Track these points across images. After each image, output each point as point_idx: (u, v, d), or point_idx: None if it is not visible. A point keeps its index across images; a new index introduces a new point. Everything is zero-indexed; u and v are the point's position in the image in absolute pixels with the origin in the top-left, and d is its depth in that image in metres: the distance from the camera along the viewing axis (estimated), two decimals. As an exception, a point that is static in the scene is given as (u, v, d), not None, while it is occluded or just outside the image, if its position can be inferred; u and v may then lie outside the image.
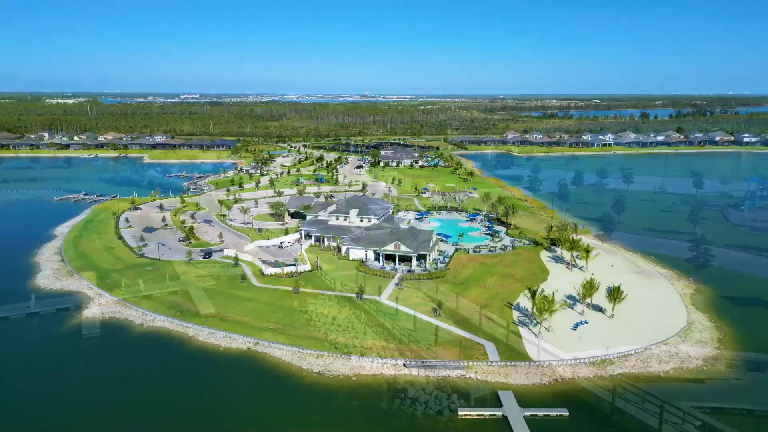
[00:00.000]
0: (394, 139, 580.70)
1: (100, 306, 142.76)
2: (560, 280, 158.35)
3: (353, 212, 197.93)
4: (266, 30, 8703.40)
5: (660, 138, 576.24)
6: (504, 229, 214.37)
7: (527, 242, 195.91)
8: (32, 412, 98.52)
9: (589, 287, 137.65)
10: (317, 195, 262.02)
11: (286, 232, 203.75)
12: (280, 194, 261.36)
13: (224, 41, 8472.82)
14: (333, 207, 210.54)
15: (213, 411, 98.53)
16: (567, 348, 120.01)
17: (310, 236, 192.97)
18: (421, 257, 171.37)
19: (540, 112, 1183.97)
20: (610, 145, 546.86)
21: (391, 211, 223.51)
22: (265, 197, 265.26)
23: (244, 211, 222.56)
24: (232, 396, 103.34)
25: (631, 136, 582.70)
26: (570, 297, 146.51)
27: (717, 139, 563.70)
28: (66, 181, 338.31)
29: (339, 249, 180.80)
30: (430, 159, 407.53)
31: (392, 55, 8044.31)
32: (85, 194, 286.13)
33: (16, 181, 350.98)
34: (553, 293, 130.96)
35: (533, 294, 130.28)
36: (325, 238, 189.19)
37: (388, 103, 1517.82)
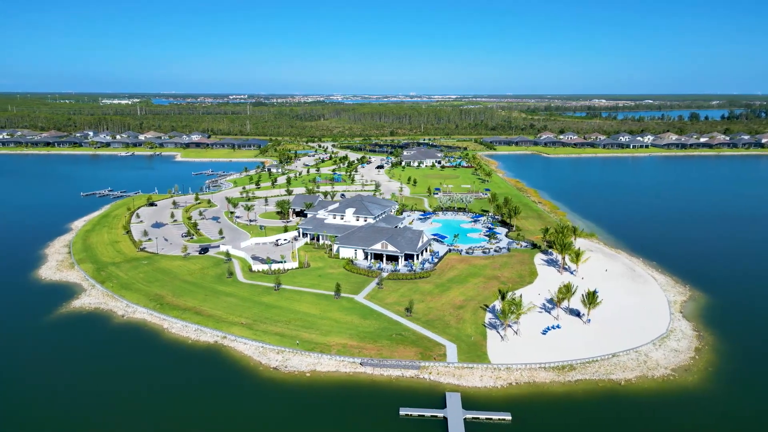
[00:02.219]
0: (425, 140, 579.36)
1: (89, 297, 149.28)
2: (547, 284, 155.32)
3: (349, 211, 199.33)
4: (317, 33, 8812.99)
5: (703, 140, 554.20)
6: (506, 230, 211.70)
7: (525, 244, 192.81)
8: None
9: (565, 291, 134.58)
10: (326, 194, 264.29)
11: (285, 229, 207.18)
12: (290, 193, 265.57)
13: (275, 44, 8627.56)
14: (335, 206, 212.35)
15: (159, 401, 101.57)
16: (531, 352, 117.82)
17: (306, 234, 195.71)
18: (409, 257, 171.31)
19: (583, 112, 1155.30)
20: (646, 146, 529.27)
21: (392, 211, 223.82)
22: (277, 195, 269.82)
23: (248, 208, 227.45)
24: (182, 388, 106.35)
25: (672, 138, 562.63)
26: (550, 301, 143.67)
27: (764, 141, 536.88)
28: (97, 177, 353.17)
29: (331, 248, 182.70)
30: (452, 159, 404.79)
31: (440, 55, 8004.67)
32: (110, 190, 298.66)
33: (50, 176, 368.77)
34: (521, 296, 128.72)
35: (503, 296, 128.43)
36: (320, 237, 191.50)
37: (430, 104, 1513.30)
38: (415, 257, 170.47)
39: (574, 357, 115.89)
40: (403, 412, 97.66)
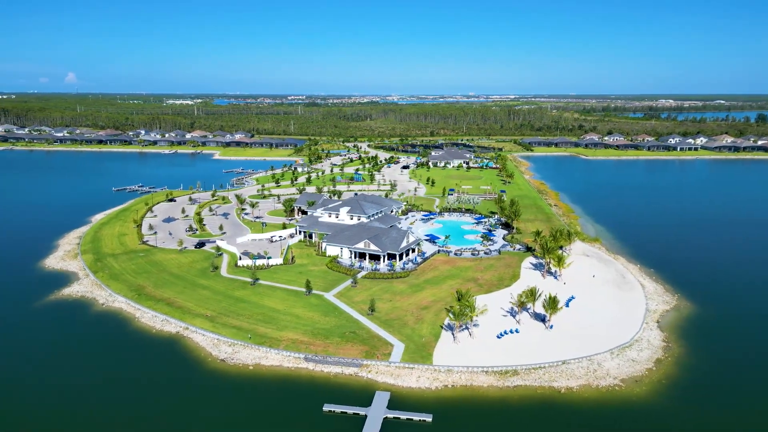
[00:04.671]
0: (463, 140, 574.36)
1: (80, 285, 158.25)
2: (526, 288, 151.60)
3: (344, 210, 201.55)
4: (379, 33, 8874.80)
5: (761, 142, 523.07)
6: (506, 232, 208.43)
7: (519, 247, 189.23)
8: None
9: (529, 295, 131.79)
10: (335, 193, 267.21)
11: (284, 226, 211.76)
12: (301, 191, 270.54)
13: (336, 46, 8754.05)
14: (336, 204, 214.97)
15: (103, 387, 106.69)
16: (479, 355, 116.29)
17: (302, 232, 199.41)
18: (393, 257, 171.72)
19: (641, 113, 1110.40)
20: (695, 149, 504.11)
21: (394, 210, 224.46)
22: (291, 194, 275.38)
23: (253, 205, 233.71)
24: (131, 374, 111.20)
25: (726, 140, 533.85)
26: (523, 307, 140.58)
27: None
28: (134, 173, 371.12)
29: (320, 245, 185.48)
30: (480, 160, 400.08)
31: (505, 55, 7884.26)
32: (140, 186, 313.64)
33: (91, 171, 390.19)
34: (474, 298, 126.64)
35: (459, 298, 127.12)
36: (312, 234, 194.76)
37: (483, 104, 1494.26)
38: (397, 257, 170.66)
39: (522, 362, 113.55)
40: (326, 408, 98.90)
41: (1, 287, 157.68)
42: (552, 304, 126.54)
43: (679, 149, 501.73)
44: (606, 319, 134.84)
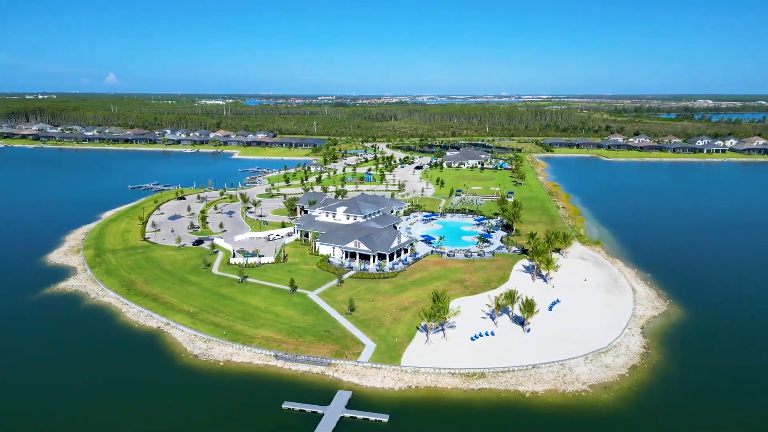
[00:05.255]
0: (483, 141, 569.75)
1: (76, 280, 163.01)
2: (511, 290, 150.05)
3: (340, 210, 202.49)
4: (410, 33, 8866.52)
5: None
6: (505, 234, 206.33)
7: (515, 249, 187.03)
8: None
9: (507, 298, 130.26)
10: (340, 193, 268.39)
11: (283, 225, 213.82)
12: (306, 191, 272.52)
13: (367, 45, 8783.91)
14: (335, 204, 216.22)
15: (77, 379, 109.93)
16: (449, 357, 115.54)
17: (299, 231, 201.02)
18: (383, 257, 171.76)
19: (676, 114, 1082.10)
20: (723, 151, 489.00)
21: (394, 210, 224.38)
22: (298, 193, 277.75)
23: (255, 204, 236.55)
24: (106, 367, 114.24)
25: (758, 142, 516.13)
26: (503, 309, 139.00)
27: None
28: (152, 171, 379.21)
29: (314, 244, 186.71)
30: (494, 161, 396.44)
31: (539, 54, 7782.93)
32: (155, 184, 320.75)
33: (112, 170, 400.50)
34: (448, 299, 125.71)
35: (434, 300, 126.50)
36: (308, 233, 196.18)
37: (513, 104, 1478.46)
38: (388, 257, 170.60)
39: (491, 365, 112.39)
40: (285, 405, 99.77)
41: (2, 279, 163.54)
42: (528, 307, 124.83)
43: (705, 151, 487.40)
44: (588, 323, 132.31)
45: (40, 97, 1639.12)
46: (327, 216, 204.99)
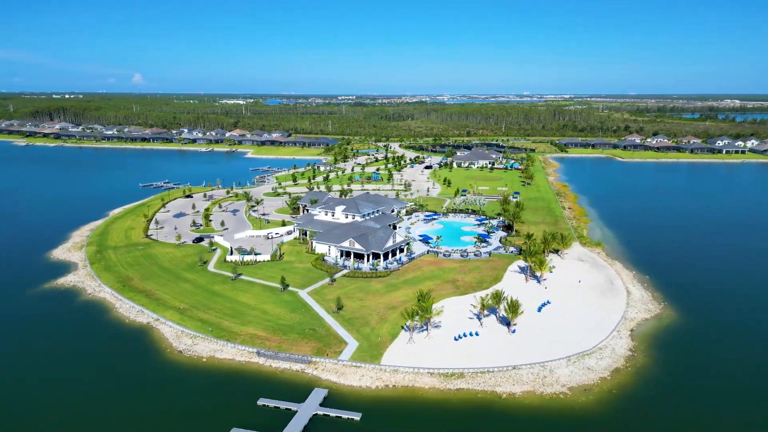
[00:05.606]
0: (497, 141, 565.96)
1: (75, 275, 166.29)
2: (505, 291, 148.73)
3: (339, 209, 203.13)
4: (433, 33, 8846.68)
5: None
6: (506, 234, 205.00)
7: (513, 250, 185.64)
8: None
9: (494, 298, 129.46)
10: (343, 192, 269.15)
11: (283, 223, 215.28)
12: (311, 189, 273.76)
13: (388, 44, 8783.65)
14: (334, 203, 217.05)
15: (63, 372, 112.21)
16: (431, 357, 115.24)
17: (298, 229, 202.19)
18: (377, 256, 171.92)
19: (698, 114, 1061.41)
20: (743, 152, 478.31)
21: (394, 210, 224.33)
22: (303, 192, 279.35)
23: (258, 202, 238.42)
24: (88, 361, 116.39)
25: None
26: (491, 310, 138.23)
27: None
28: (164, 170, 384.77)
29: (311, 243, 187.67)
30: (506, 161, 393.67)
31: (560, 54, 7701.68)
32: (166, 182, 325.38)
33: (125, 168, 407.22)
34: (431, 299, 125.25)
35: (418, 299, 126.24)
36: (306, 232, 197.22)
37: (533, 103, 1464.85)
38: (382, 256, 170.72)
39: (472, 365, 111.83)
40: (261, 402, 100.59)
41: (4, 275, 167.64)
42: (513, 308, 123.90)
43: (724, 152, 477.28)
44: (576, 325, 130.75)
45: (67, 96, 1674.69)
46: (326, 215, 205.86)
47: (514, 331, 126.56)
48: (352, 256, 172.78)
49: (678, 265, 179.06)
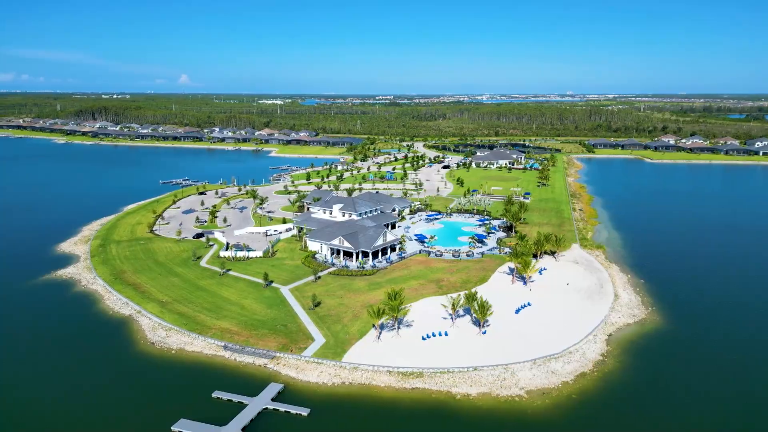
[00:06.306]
0: (524, 140, 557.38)
1: (74, 268, 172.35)
2: (489, 292, 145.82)
3: (336, 207, 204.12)
4: (472, 33, 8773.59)
5: None
6: (505, 235, 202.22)
7: (508, 250, 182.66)
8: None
9: (467, 299, 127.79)
10: (351, 191, 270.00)
11: (284, 221, 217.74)
12: (319, 188, 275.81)
13: (431, 43, 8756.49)
14: (332, 201, 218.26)
15: (42, 360, 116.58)
16: (395, 355, 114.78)
17: (295, 227, 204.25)
18: (366, 254, 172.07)
19: (745, 114, 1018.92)
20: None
21: (395, 209, 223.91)
22: (312, 191, 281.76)
23: (262, 200, 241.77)
24: (63, 349, 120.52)
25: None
26: (465, 309, 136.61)
27: None
28: (189, 167, 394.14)
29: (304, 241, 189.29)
30: (526, 161, 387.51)
31: (606, 53, 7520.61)
32: (185, 179, 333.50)
33: (151, 165, 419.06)
34: (401, 298, 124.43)
35: (389, 298, 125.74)
36: (302, 229, 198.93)
37: (573, 103, 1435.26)
38: (371, 255, 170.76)
39: (432, 365, 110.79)
40: (215, 394, 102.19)
41: (9, 265, 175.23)
42: (482, 308, 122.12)
43: (761, 153, 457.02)
44: (551, 328, 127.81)
45: (115, 96, 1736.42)
46: (324, 213, 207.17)
47: (485, 332, 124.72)
48: (341, 254, 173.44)
49: (680, 270, 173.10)
